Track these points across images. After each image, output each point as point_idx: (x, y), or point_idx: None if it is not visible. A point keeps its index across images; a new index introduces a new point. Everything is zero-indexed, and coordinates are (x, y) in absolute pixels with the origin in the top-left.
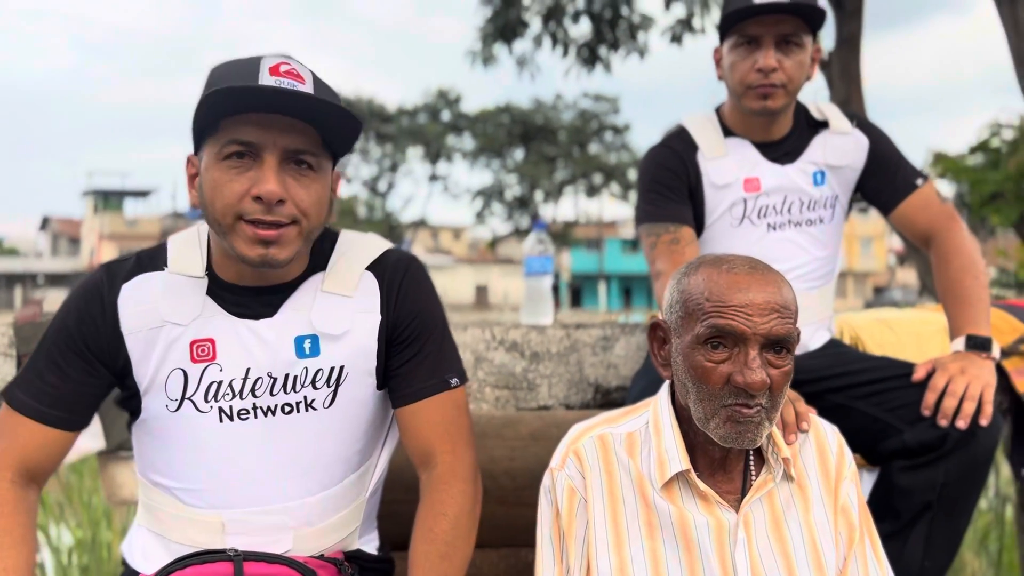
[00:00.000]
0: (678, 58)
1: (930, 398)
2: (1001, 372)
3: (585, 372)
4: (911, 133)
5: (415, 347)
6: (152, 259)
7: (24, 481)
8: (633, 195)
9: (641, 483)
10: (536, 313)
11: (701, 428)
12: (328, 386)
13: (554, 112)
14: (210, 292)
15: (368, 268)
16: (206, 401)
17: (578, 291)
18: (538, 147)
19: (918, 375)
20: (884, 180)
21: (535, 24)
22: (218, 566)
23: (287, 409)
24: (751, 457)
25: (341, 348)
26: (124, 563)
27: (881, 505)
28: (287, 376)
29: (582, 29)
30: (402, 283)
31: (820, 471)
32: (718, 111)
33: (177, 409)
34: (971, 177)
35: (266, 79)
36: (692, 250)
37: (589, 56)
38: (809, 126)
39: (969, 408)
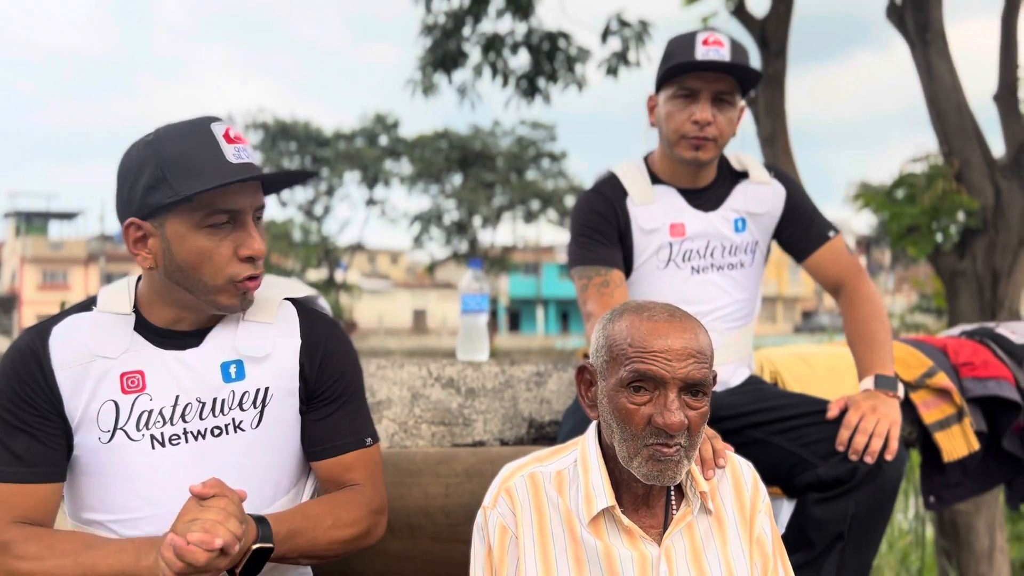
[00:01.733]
0: (612, 88)
1: (844, 435)
2: (909, 405)
3: (519, 407)
4: (834, 165)
5: (335, 405)
6: (80, 307)
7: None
8: (569, 221)
9: (570, 519)
10: (472, 350)
11: (625, 466)
12: (255, 407)
13: (492, 138)
14: (137, 328)
15: (287, 300)
16: (138, 430)
17: (516, 315)
18: (476, 173)
19: (832, 413)
20: (799, 230)
21: (475, 54)
22: None
23: (216, 432)
24: (672, 493)
25: (265, 370)
26: None
27: (797, 535)
28: (215, 400)
29: (521, 60)
30: (327, 342)
31: (736, 505)
32: (646, 159)
33: (110, 440)
34: (891, 210)
35: (228, 153)
36: (621, 292)
37: (528, 87)
38: (731, 176)
39: (876, 445)
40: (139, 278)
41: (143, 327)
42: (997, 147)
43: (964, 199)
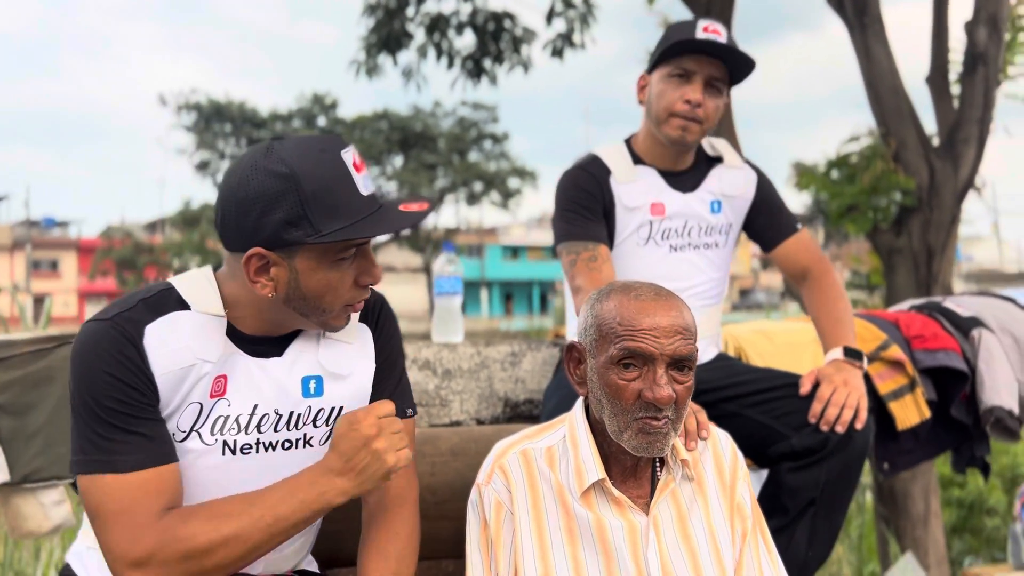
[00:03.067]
0: (554, 69)
1: (816, 407)
2: (864, 376)
3: (495, 387)
4: (769, 146)
5: (384, 380)
6: (164, 301)
7: None
8: (513, 203)
9: (562, 493)
10: (447, 332)
11: (615, 440)
12: (327, 424)
13: (433, 120)
14: (227, 332)
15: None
16: (212, 434)
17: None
18: (417, 154)
19: (805, 388)
20: (769, 219)
21: (419, 35)
22: None
23: (287, 445)
24: (658, 464)
25: (343, 389)
26: None
27: (770, 503)
28: (291, 413)
29: (466, 41)
30: (381, 323)
31: (716, 474)
32: (628, 141)
33: (184, 440)
34: (831, 190)
35: (360, 184)
36: (608, 268)
37: (474, 68)
38: (706, 161)
39: (847, 416)
40: (215, 270)
41: (231, 331)
42: (930, 128)
43: (901, 179)
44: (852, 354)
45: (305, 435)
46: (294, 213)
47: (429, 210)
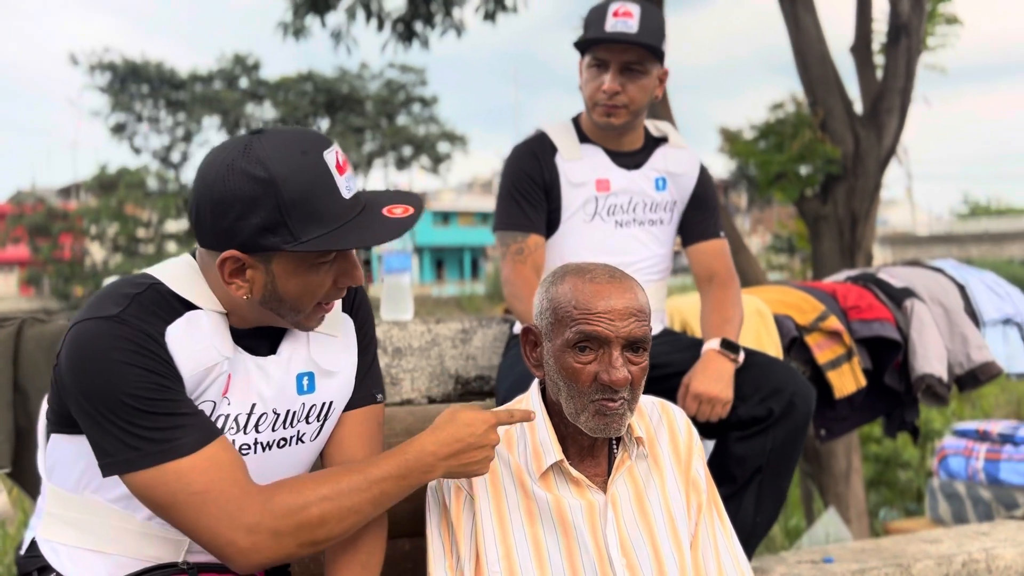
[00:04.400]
0: (484, 31)
1: (692, 407)
2: (804, 346)
3: (446, 364)
4: (693, 110)
5: (361, 366)
6: (164, 299)
7: None
8: (443, 168)
9: (520, 475)
10: (397, 310)
11: (572, 421)
12: (318, 420)
13: (360, 82)
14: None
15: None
16: None
17: None
18: (344, 117)
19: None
20: (698, 215)
21: None
22: None
23: (282, 443)
24: (614, 443)
25: (332, 384)
26: None
27: (719, 471)
28: (287, 412)
29: (397, 2)
30: (360, 311)
31: (672, 451)
32: (576, 120)
33: None
34: (759, 159)
35: (342, 187)
36: (534, 259)
37: (405, 31)
38: (652, 142)
39: (717, 412)
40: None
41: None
42: (853, 98)
43: (828, 147)
44: (730, 346)
45: (299, 432)
46: (272, 219)
47: (416, 216)
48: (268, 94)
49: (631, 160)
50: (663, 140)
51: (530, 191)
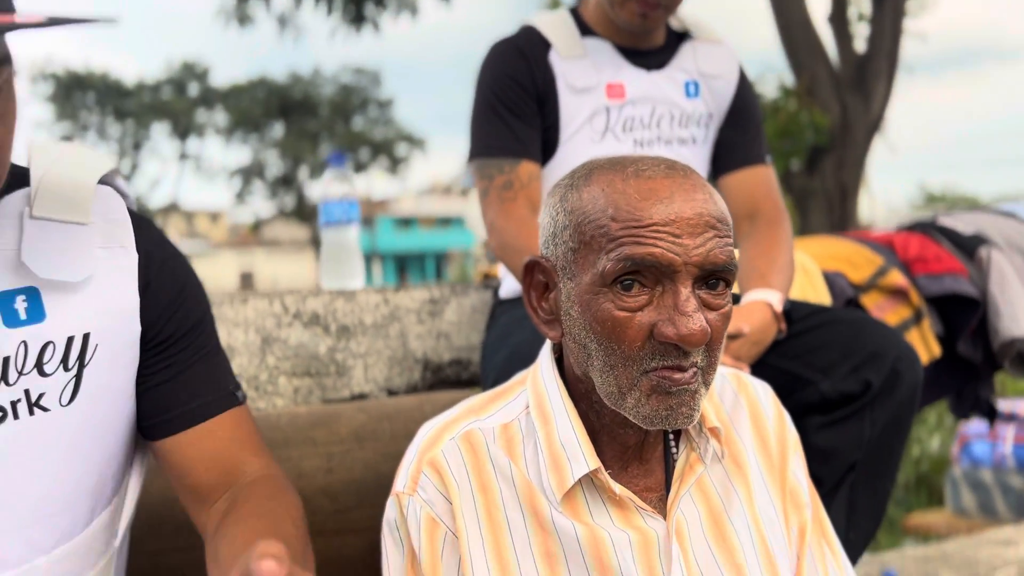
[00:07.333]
0: (441, 31)
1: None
2: (861, 309)
3: (410, 346)
4: None
5: (188, 349)
6: None
7: None
8: (402, 170)
9: (531, 497)
10: (342, 274)
11: (612, 406)
12: (66, 369)
13: (313, 86)
14: None
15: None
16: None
17: None
18: (299, 122)
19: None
20: (737, 133)
21: None
22: None
23: (1, 416)
24: (672, 440)
25: (82, 305)
26: None
27: None
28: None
29: None
30: (171, 258)
31: (759, 447)
32: (574, 11)
33: None
34: None
35: None
36: (528, 194)
37: (355, 14)
38: (675, 37)
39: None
40: None
41: None
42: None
43: (816, 114)
44: (787, 316)
45: (28, 393)
46: None
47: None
48: (219, 100)
49: (651, 58)
50: (686, 36)
51: (518, 102)
